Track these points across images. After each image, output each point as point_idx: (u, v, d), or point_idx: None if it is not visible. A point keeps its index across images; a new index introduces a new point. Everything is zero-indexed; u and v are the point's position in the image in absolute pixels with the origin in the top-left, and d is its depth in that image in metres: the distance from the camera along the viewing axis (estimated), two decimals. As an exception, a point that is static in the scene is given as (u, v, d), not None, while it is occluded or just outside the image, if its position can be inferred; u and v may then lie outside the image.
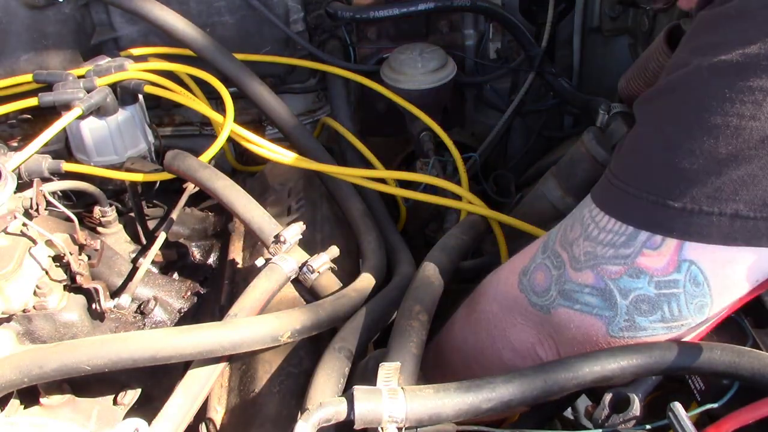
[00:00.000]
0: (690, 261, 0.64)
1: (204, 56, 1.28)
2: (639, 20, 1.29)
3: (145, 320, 1.10)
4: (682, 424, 0.62)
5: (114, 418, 0.95)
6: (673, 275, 0.65)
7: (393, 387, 0.65)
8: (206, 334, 0.81)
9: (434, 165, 1.30)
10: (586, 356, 0.69)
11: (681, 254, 0.64)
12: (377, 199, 1.24)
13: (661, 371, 0.68)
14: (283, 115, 1.29)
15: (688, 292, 0.65)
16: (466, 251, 1.05)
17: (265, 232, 0.99)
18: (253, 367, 0.91)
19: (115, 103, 1.24)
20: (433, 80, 1.37)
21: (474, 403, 0.65)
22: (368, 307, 0.91)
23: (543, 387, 0.67)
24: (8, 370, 0.78)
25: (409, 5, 1.41)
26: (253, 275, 0.93)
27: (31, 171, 1.14)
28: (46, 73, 1.27)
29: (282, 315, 0.86)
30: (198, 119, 1.50)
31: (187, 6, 1.40)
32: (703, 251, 0.63)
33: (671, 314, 0.67)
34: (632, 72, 1.05)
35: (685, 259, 0.64)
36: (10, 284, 0.90)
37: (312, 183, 1.26)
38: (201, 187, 1.08)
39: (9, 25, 1.34)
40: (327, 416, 0.64)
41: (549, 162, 1.35)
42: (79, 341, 0.82)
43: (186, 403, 0.80)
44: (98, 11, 1.40)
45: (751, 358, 0.66)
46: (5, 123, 1.40)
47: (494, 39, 1.53)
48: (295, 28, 1.45)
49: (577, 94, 1.43)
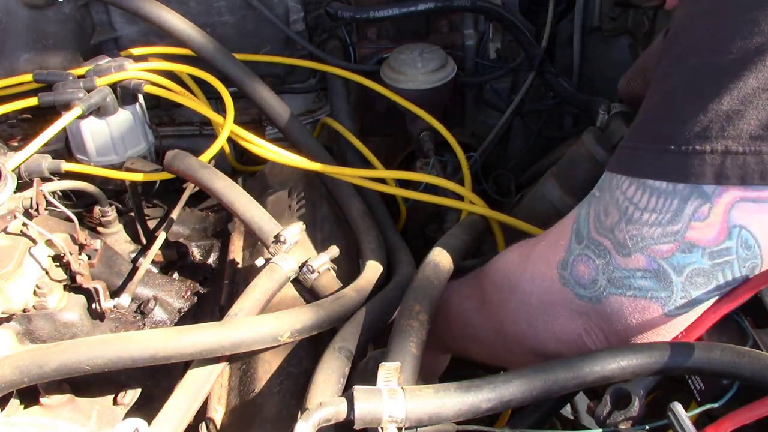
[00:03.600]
0: (740, 226, 0.64)
1: (204, 56, 1.28)
2: (639, 20, 1.28)
3: (145, 320, 1.10)
4: (681, 424, 0.62)
5: (114, 418, 0.95)
6: (725, 243, 0.65)
7: (393, 387, 0.65)
8: (206, 334, 0.81)
9: (434, 165, 1.30)
10: (586, 356, 0.69)
11: (730, 221, 0.64)
12: (377, 199, 1.24)
13: (661, 371, 0.68)
14: (283, 115, 1.29)
15: (740, 257, 0.65)
16: (466, 251, 1.04)
17: (265, 232, 0.99)
18: (253, 367, 0.91)
19: (115, 103, 1.24)
20: (433, 80, 1.37)
21: (474, 403, 0.65)
22: (368, 307, 0.91)
23: (543, 387, 0.67)
24: (8, 370, 0.78)
25: (409, 5, 1.41)
26: (253, 275, 0.93)
27: (31, 171, 1.14)
28: (46, 72, 1.27)
29: (282, 315, 0.86)
30: (198, 119, 1.50)
31: (187, 6, 1.40)
32: (750, 214, 0.63)
33: (725, 281, 0.66)
34: (632, 72, 1.05)
35: (735, 225, 0.64)
36: (10, 284, 0.90)
37: (312, 183, 1.26)
38: (201, 187, 1.08)
39: (9, 25, 1.34)
40: (327, 416, 0.64)
41: (549, 162, 1.34)
42: (79, 341, 0.82)
43: (186, 403, 0.80)
44: (98, 11, 1.40)
45: (751, 358, 0.66)
46: (5, 123, 1.40)
47: (494, 39, 1.53)
48: (295, 28, 1.45)
49: (577, 94, 1.43)
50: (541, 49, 1.41)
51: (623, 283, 0.70)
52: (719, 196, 0.64)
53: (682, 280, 0.67)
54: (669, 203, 0.66)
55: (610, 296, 0.71)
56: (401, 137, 1.49)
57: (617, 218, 0.70)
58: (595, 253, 0.72)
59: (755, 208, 0.63)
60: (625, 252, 0.69)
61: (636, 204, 0.68)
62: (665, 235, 0.66)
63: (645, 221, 0.67)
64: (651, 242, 0.67)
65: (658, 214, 0.67)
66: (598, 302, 0.72)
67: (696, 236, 0.65)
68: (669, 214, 0.66)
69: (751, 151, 0.61)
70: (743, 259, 0.65)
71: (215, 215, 1.34)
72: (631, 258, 0.69)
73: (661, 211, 0.67)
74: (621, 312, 0.71)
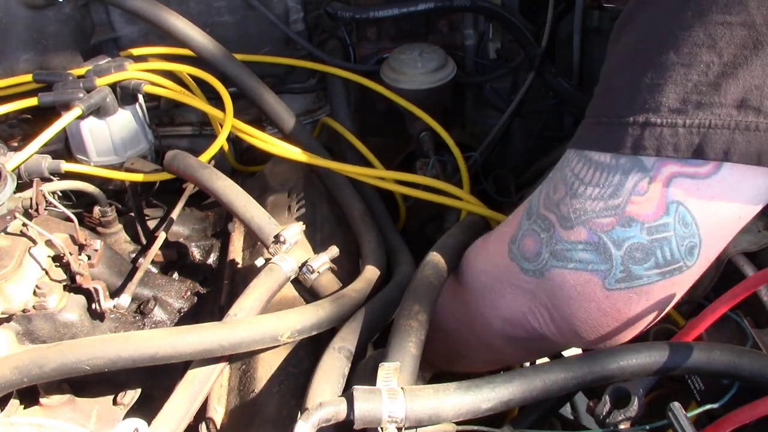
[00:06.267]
0: (677, 202, 0.65)
1: (204, 56, 1.28)
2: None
3: (145, 320, 1.10)
4: (681, 424, 0.62)
5: (114, 418, 0.95)
6: (663, 219, 0.65)
7: (393, 387, 0.65)
8: (206, 334, 0.81)
9: (434, 165, 1.30)
10: (585, 356, 0.69)
11: (668, 197, 0.65)
12: (377, 199, 1.24)
13: (661, 371, 0.68)
14: (283, 115, 1.28)
15: (678, 234, 0.66)
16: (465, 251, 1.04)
17: (265, 232, 0.99)
18: (253, 367, 0.91)
19: (115, 103, 1.24)
20: (433, 80, 1.37)
21: (474, 403, 0.65)
22: (368, 307, 0.91)
23: (543, 387, 0.67)
24: (8, 370, 0.78)
25: (409, 5, 1.41)
26: (253, 275, 0.93)
27: (31, 171, 1.14)
28: (46, 73, 1.27)
29: (282, 315, 0.86)
30: (198, 119, 1.50)
31: (187, 6, 1.40)
32: (688, 190, 0.64)
33: (664, 259, 0.67)
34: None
35: (672, 201, 0.65)
36: (10, 284, 0.90)
37: (312, 183, 1.26)
38: (201, 187, 1.08)
39: (9, 25, 1.34)
40: (327, 416, 0.64)
41: (549, 162, 1.35)
42: (79, 341, 0.82)
43: (186, 403, 0.80)
44: (98, 11, 1.40)
45: (751, 358, 0.66)
46: (5, 123, 1.40)
47: (494, 39, 1.53)
48: (295, 28, 1.45)
49: (577, 94, 1.43)
50: (541, 49, 1.41)
51: (565, 255, 0.71)
52: (658, 171, 0.65)
53: (622, 254, 0.67)
54: (611, 177, 0.67)
55: (553, 269, 0.72)
56: (401, 137, 1.49)
57: (563, 193, 0.71)
58: (541, 227, 0.74)
59: (692, 184, 0.64)
60: (567, 225, 0.70)
61: (582, 179, 0.70)
62: (606, 209, 0.67)
63: (588, 195, 0.69)
64: (593, 215, 0.68)
65: (600, 188, 0.68)
66: (541, 276, 0.73)
67: (635, 210, 0.66)
68: (611, 188, 0.67)
69: (668, 123, 0.63)
70: (681, 237, 0.66)
71: (215, 215, 1.34)
72: (573, 231, 0.70)
73: (603, 185, 0.68)
74: (563, 286, 0.72)
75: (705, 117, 0.61)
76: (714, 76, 0.61)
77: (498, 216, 1.13)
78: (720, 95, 0.61)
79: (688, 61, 0.62)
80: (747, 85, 0.60)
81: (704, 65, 0.61)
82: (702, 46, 0.61)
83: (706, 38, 0.61)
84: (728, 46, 0.60)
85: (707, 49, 0.61)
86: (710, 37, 0.61)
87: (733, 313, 0.74)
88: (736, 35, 0.60)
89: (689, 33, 0.62)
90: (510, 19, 1.42)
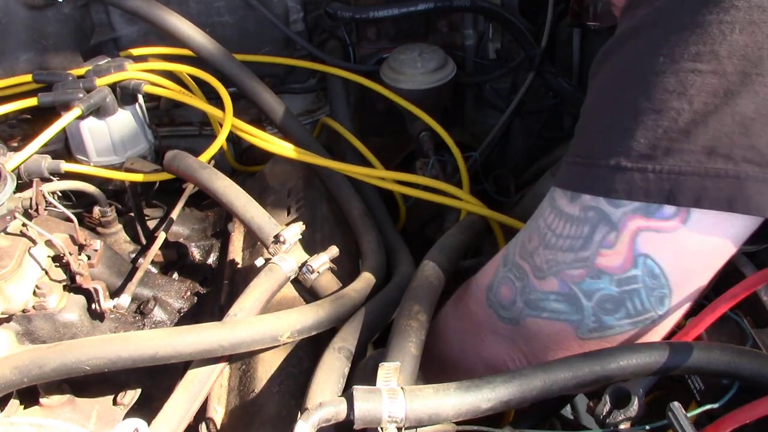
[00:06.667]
0: (645, 255, 0.65)
1: (204, 56, 1.28)
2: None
3: (144, 320, 1.10)
4: (681, 424, 0.62)
5: (114, 418, 0.95)
6: (631, 271, 0.66)
7: (393, 387, 0.65)
8: (206, 334, 0.81)
9: (434, 165, 1.30)
10: (585, 356, 0.69)
11: (635, 249, 0.65)
12: (377, 199, 1.24)
13: (661, 371, 0.68)
14: (283, 116, 1.28)
15: (647, 285, 0.66)
16: (466, 251, 1.05)
17: (265, 232, 0.99)
18: (253, 367, 0.91)
19: (115, 103, 1.24)
20: (433, 80, 1.37)
21: (474, 403, 0.65)
22: (368, 307, 0.91)
23: (543, 387, 0.67)
24: (8, 370, 0.78)
25: (409, 5, 1.41)
26: (253, 275, 0.93)
27: (30, 171, 1.14)
28: (45, 73, 1.27)
29: (282, 315, 0.86)
30: (198, 119, 1.50)
31: (187, 6, 1.40)
32: (655, 243, 0.65)
33: (635, 309, 0.68)
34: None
35: (640, 254, 0.65)
36: (10, 284, 0.90)
37: (312, 183, 1.26)
38: (201, 187, 1.08)
39: (9, 25, 1.34)
40: (327, 416, 0.63)
41: (549, 162, 1.35)
42: (79, 341, 0.82)
43: (186, 403, 0.80)
44: (98, 11, 1.40)
45: (751, 358, 0.66)
46: (5, 123, 1.40)
47: (494, 39, 1.53)
48: (295, 28, 1.45)
49: (577, 94, 1.43)
50: (540, 49, 1.41)
51: (538, 305, 0.72)
52: (624, 225, 0.65)
53: (592, 305, 0.69)
54: (580, 230, 0.68)
55: (528, 317, 0.74)
56: (401, 137, 1.49)
57: (537, 243, 0.73)
58: (516, 275, 0.75)
59: (658, 238, 0.64)
60: (540, 275, 0.72)
61: (554, 231, 0.71)
62: (577, 261, 0.69)
63: (560, 246, 0.70)
64: (564, 267, 0.70)
65: (571, 240, 0.69)
66: (517, 324, 0.75)
67: (604, 263, 0.67)
68: (580, 240, 0.68)
69: (638, 168, 0.63)
70: (650, 288, 0.66)
71: (215, 215, 1.34)
72: (545, 281, 0.71)
73: (573, 238, 0.69)
74: (539, 334, 0.74)
75: (675, 163, 0.61)
76: (684, 123, 0.61)
77: (498, 216, 1.13)
78: (690, 142, 0.61)
79: (659, 106, 0.62)
80: (717, 134, 0.60)
81: (675, 112, 0.61)
82: (673, 92, 0.61)
83: (678, 85, 0.61)
84: (699, 93, 0.60)
85: (678, 96, 0.61)
86: (681, 84, 0.61)
87: (732, 313, 0.74)
88: (707, 83, 0.60)
89: (661, 79, 0.62)
90: (510, 19, 1.42)
